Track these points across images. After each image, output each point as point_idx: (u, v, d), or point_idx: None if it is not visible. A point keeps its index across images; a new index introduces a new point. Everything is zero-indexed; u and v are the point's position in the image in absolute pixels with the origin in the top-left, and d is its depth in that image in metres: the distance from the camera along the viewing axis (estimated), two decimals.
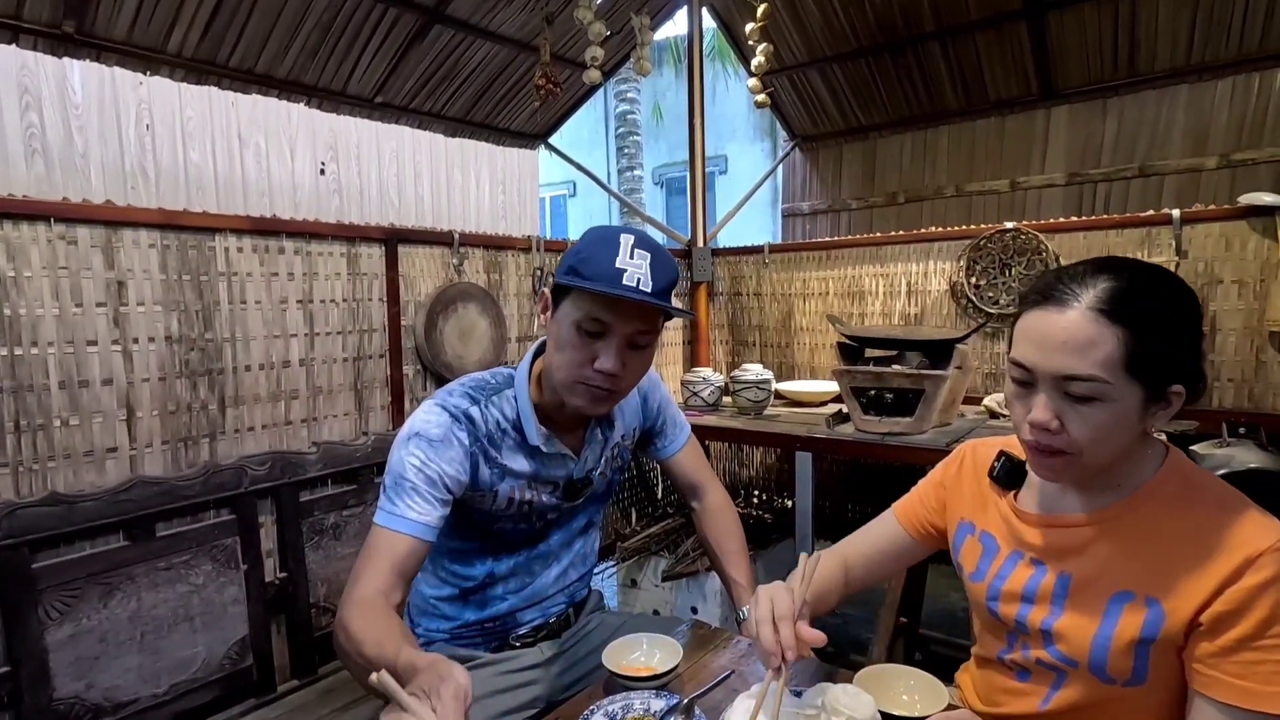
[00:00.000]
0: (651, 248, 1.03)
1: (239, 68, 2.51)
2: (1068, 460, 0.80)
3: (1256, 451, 1.87)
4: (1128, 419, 0.77)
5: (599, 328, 1.03)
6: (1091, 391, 0.75)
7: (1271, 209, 1.99)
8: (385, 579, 0.99)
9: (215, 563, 1.59)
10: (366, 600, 0.96)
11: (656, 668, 1.04)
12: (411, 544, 1.02)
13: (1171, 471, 0.84)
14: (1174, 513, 0.81)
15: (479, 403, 1.12)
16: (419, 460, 1.04)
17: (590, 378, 1.05)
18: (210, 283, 1.63)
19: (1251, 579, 0.73)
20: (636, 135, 10.08)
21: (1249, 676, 0.73)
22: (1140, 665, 0.80)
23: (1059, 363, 0.76)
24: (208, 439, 1.63)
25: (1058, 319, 0.77)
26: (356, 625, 0.92)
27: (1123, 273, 0.78)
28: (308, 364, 1.81)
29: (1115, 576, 0.82)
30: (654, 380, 1.36)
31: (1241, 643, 0.73)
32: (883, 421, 2.06)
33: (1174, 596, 0.77)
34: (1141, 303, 0.76)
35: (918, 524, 1.08)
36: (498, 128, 3.45)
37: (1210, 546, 0.76)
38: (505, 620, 1.25)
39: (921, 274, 2.63)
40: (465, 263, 2.20)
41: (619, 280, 0.99)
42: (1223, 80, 2.87)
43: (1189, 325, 0.79)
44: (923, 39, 3.18)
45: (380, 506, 1.04)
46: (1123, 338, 0.74)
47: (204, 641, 1.56)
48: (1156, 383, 0.77)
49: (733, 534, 1.37)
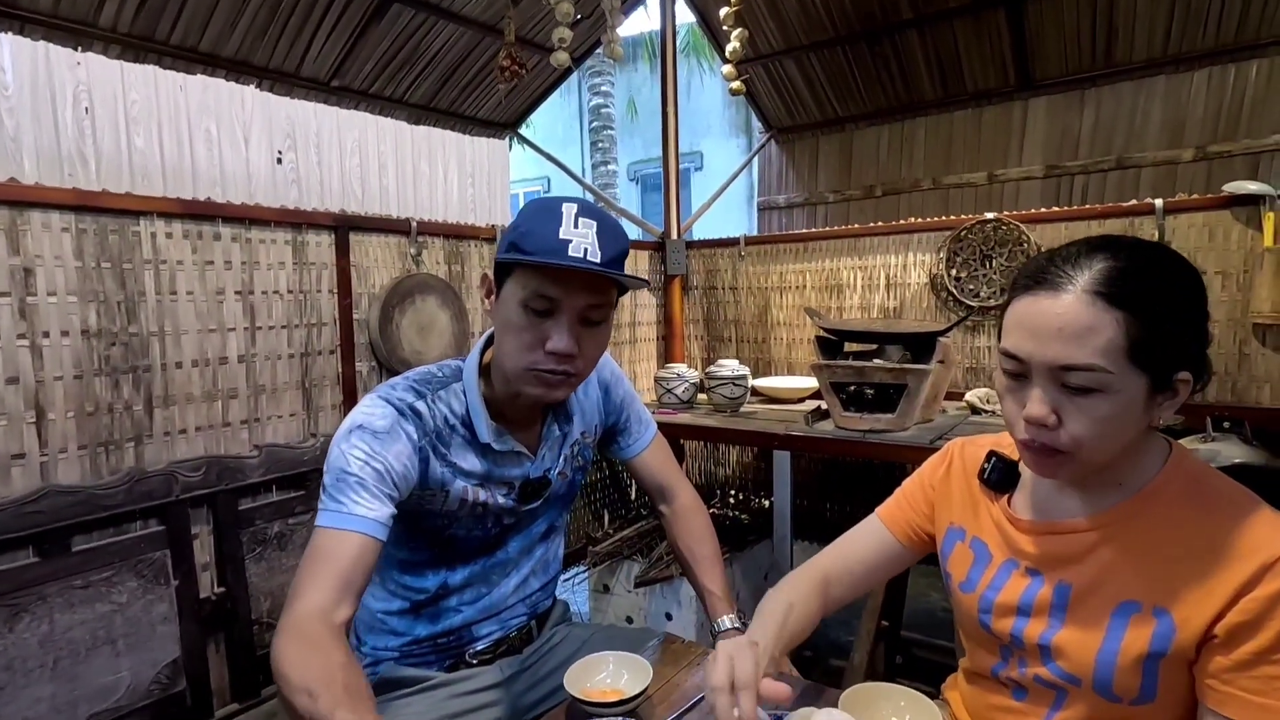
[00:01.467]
0: (597, 215, 0.94)
1: (181, 45, 2.35)
2: (1065, 458, 0.73)
3: (1241, 446, 1.83)
4: (1131, 411, 0.70)
5: (547, 305, 0.94)
6: (1091, 382, 0.69)
7: (1256, 198, 1.94)
8: (330, 592, 0.86)
9: (142, 578, 1.45)
10: (305, 625, 0.83)
11: (624, 690, 0.96)
12: (362, 544, 0.89)
13: (1177, 469, 0.77)
14: (1181, 515, 0.74)
15: (425, 397, 1.02)
16: (363, 453, 0.93)
17: (542, 361, 0.96)
18: (134, 271, 1.48)
19: (1269, 586, 0.67)
20: (610, 129, 9.98)
21: (1269, 693, 0.67)
22: (1149, 682, 0.73)
23: (1055, 352, 0.70)
24: (132, 443, 1.48)
25: (1052, 304, 0.70)
26: (289, 661, 0.79)
27: (1121, 251, 0.71)
28: (248, 360, 1.67)
29: (1119, 586, 0.75)
30: (616, 374, 1.27)
31: (1260, 656, 0.67)
32: (863, 418, 1.97)
33: (1185, 606, 0.71)
34: (1143, 283, 0.69)
35: (906, 528, 1.00)
36: (464, 115, 3.32)
37: (1223, 551, 0.70)
38: (460, 634, 1.15)
39: (901, 266, 2.56)
40: (424, 253, 2.08)
41: (564, 252, 0.90)
42: (1199, 71, 2.85)
43: (1194, 306, 0.72)
44: (900, 27, 3.12)
45: (322, 507, 0.92)
46: (1124, 322, 0.68)
47: (129, 665, 1.42)
48: (1162, 370, 0.70)
49: (705, 539, 1.28)
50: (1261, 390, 1.98)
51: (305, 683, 0.76)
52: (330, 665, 0.79)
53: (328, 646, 0.81)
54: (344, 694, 0.75)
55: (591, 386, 1.22)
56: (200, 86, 3.21)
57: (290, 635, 0.82)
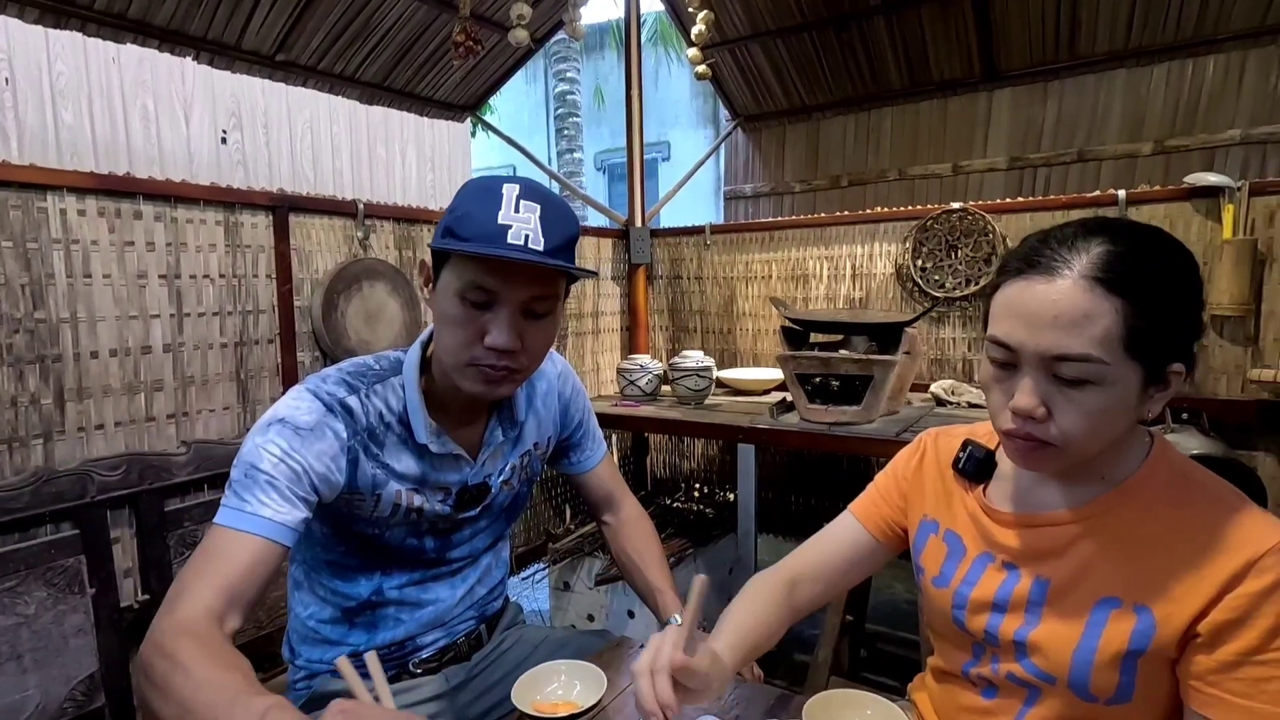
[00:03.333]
0: (541, 198, 0.86)
1: (107, 11, 2.19)
2: (1052, 452, 0.70)
3: (1199, 437, 1.84)
4: (1123, 405, 0.68)
5: (485, 297, 0.86)
6: (1085, 374, 0.66)
7: (1215, 190, 1.95)
8: (218, 595, 0.76)
9: (52, 587, 1.33)
10: (194, 625, 0.72)
11: (577, 702, 0.90)
12: (261, 549, 0.80)
13: (1160, 462, 0.74)
14: (1164, 509, 0.72)
15: (358, 391, 0.93)
16: (280, 450, 0.84)
17: (481, 357, 0.88)
18: (41, 251, 1.35)
19: (1254, 584, 0.65)
20: (576, 117, 9.84)
21: (1255, 695, 0.64)
22: (1126, 680, 0.70)
23: (1049, 341, 0.66)
24: (40, 440, 1.35)
25: (1046, 290, 0.66)
26: (186, 656, 0.69)
27: (1120, 235, 0.68)
28: (174, 350, 1.55)
29: (1099, 581, 0.73)
30: (578, 388, 1.20)
31: (1245, 656, 0.65)
32: (829, 410, 1.93)
33: (1167, 603, 0.68)
34: (1144, 269, 0.66)
35: (880, 523, 0.95)
36: (420, 96, 3.19)
37: (1206, 547, 0.68)
38: (403, 645, 1.07)
39: (867, 256, 2.53)
40: (373, 237, 1.96)
41: (503, 239, 0.82)
42: (1158, 66, 2.88)
43: (1194, 294, 0.69)
44: (868, 14, 3.09)
45: (224, 503, 0.82)
46: (1122, 311, 0.64)
47: (37, 682, 1.30)
48: (1157, 362, 0.67)
49: (653, 542, 1.25)
50: (1219, 381, 2.00)
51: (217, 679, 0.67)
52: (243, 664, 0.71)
53: (229, 650, 0.72)
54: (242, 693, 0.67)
55: (550, 397, 1.14)
56: (135, 59, 3.00)
57: (181, 635, 0.71)
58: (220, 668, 0.69)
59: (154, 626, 0.74)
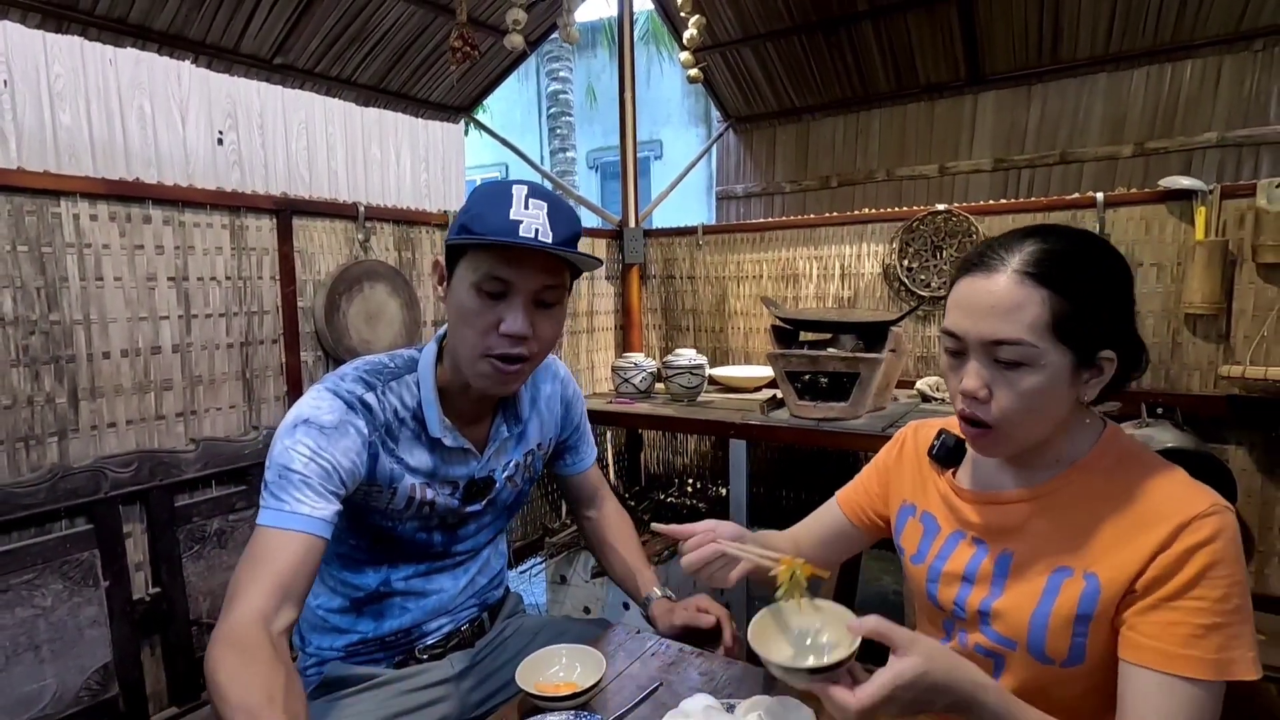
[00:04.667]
0: (548, 197, 0.93)
1: (108, 16, 2.21)
2: (997, 434, 0.79)
3: (1173, 431, 1.91)
4: (1057, 386, 0.76)
5: (500, 287, 0.92)
6: (1019, 356, 0.74)
7: (1189, 193, 2.02)
8: (270, 596, 0.81)
9: (68, 580, 1.37)
10: (244, 635, 0.78)
11: (577, 683, 0.95)
12: (306, 544, 0.86)
13: (1108, 446, 0.82)
14: (1108, 486, 0.79)
15: (375, 389, 0.99)
16: (309, 450, 0.89)
17: (496, 345, 0.94)
18: (55, 255, 1.39)
19: (1181, 544, 0.72)
20: (569, 116, 9.84)
21: (1163, 638, 0.72)
22: (1079, 643, 0.78)
23: (987, 327, 0.76)
24: (55, 438, 1.40)
25: (986, 284, 0.76)
26: (227, 674, 0.74)
27: (1050, 236, 0.77)
28: (183, 350, 1.59)
29: (1054, 553, 0.80)
30: (578, 393, 1.27)
31: (1161, 602, 0.72)
32: (818, 406, 2.00)
33: (1110, 569, 0.76)
34: (1068, 265, 0.75)
35: (860, 512, 1.05)
36: (416, 98, 3.23)
37: (1143, 516, 0.76)
38: (410, 632, 1.12)
39: (855, 256, 2.59)
40: (373, 239, 2.01)
41: (515, 232, 0.89)
42: (1138, 70, 2.95)
43: (1118, 290, 0.78)
44: (856, 19, 3.15)
45: (264, 505, 0.88)
46: (1049, 300, 0.73)
47: (55, 672, 1.35)
48: (1085, 347, 0.76)
49: (633, 533, 1.33)
50: (1192, 378, 2.07)
51: (245, 703, 0.72)
52: (272, 685, 0.75)
53: (268, 661, 0.77)
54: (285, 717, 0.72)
55: (554, 400, 1.21)
56: (132, 61, 3.02)
57: (228, 645, 0.78)
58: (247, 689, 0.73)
59: (215, 630, 0.80)
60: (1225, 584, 0.71)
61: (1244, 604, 0.72)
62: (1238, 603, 0.71)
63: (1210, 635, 0.70)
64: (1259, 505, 1.99)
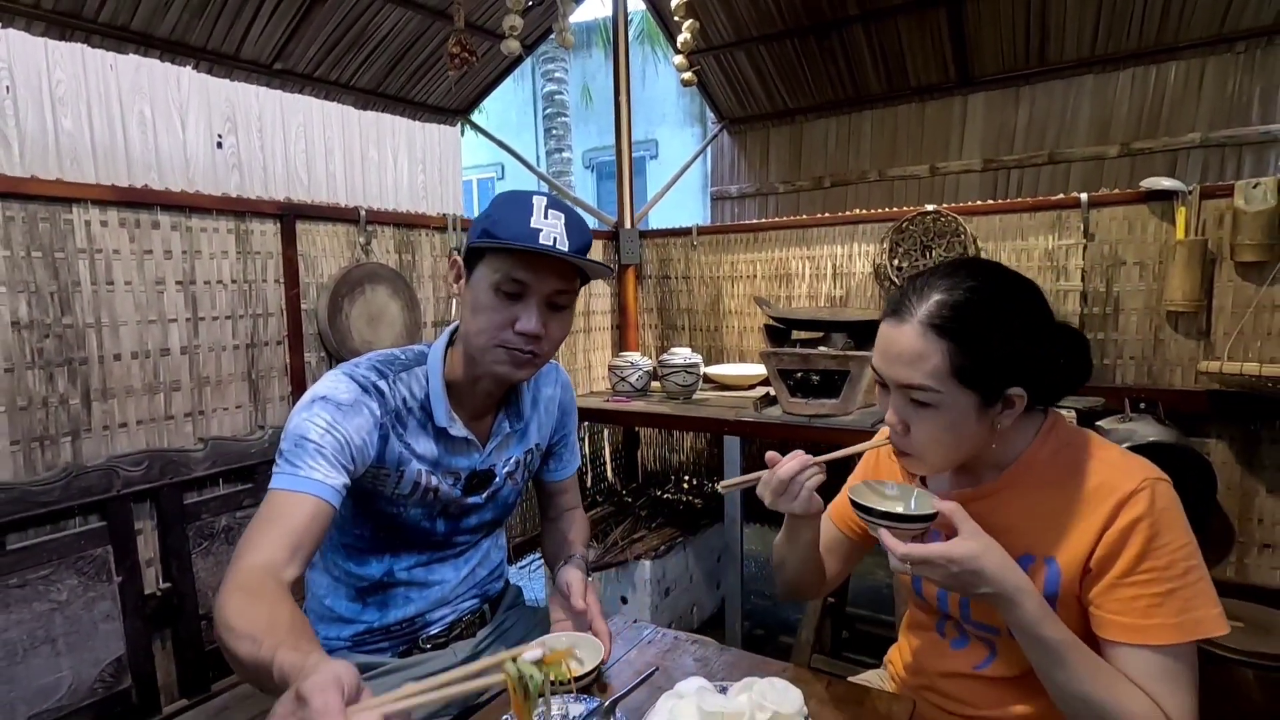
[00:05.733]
0: (564, 208, 1.01)
1: (111, 24, 2.25)
2: (919, 461, 0.87)
3: (1155, 425, 1.96)
4: (965, 423, 0.82)
5: (518, 288, 0.99)
6: (927, 399, 0.81)
7: (1169, 193, 2.07)
8: (279, 549, 0.85)
9: (82, 576, 1.42)
10: (251, 578, 0.81)
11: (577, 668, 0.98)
12: (315, 507, 0.89)
13: (1048, 436, 0.88)
14: (1053, 473, 0.85)
15: (387, 377, 1.05)
16: (325, 422, 0.94)
17: (510, 340, 1.00)
18: (67, 260, 1.43)
19: (1122, 520, 0.78)
20: (565, 116, 9.87)
21: (1127, 612, 0.78)
22: None
23: (897, 373, 0.83)
24: (69, 437, 1.44)
25: (897, 334, 0.83)
26: (232, 610, 0.77)
27: (958, 286, 0.82)
28: (191, 352, 1.64)
29: (1016, 543, 0.84)
30: (574, 402, 1.33)
31: (1119, 580, 0.78)
32: (809, 403, 2.05)
33: (1065, 551, 0.82)
34: (966, 317, 0.80)
35: (848, 523, 1.10)
36: (414, 101, 3.27)
37: (1088, 498, 0.82)
38: (413, 622, 1.16)
39: (846, 256, 2.64)
40: (373, 242, 2.05)
41: (535, 239, 0.96)
42: (1124, 72, 3.01)
43: (1020, 335, 0.82)
44: (846, 22, 3.20)
45: (277, 470, 0.91)
46: (949, 351, 0.79)
47: (70, 664, 1.39)
48: (989, 388, 0.81)
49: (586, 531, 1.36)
50: (1174, 373, 2.12)
51: (250, 630, 0.74)
52: (276, 613, 0.77)
53: (274, 597, 0.80)
54: (287, 634, 0.73)
55: (553, 404, 1.26)
56: (132, 66, 3.05)
57: (237, 588, 0.80)
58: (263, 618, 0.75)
59: (225, 579, 0.83)
60: (1169, 552, 0.77)
61: (1193, 564, 0.78)
62: (1185, 565, 0.77)
63: (1167, 602, 0.76)
64: (1239, 497, 2.05)
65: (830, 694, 0.95)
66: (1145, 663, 0.77)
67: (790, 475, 0.93)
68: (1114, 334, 2.20)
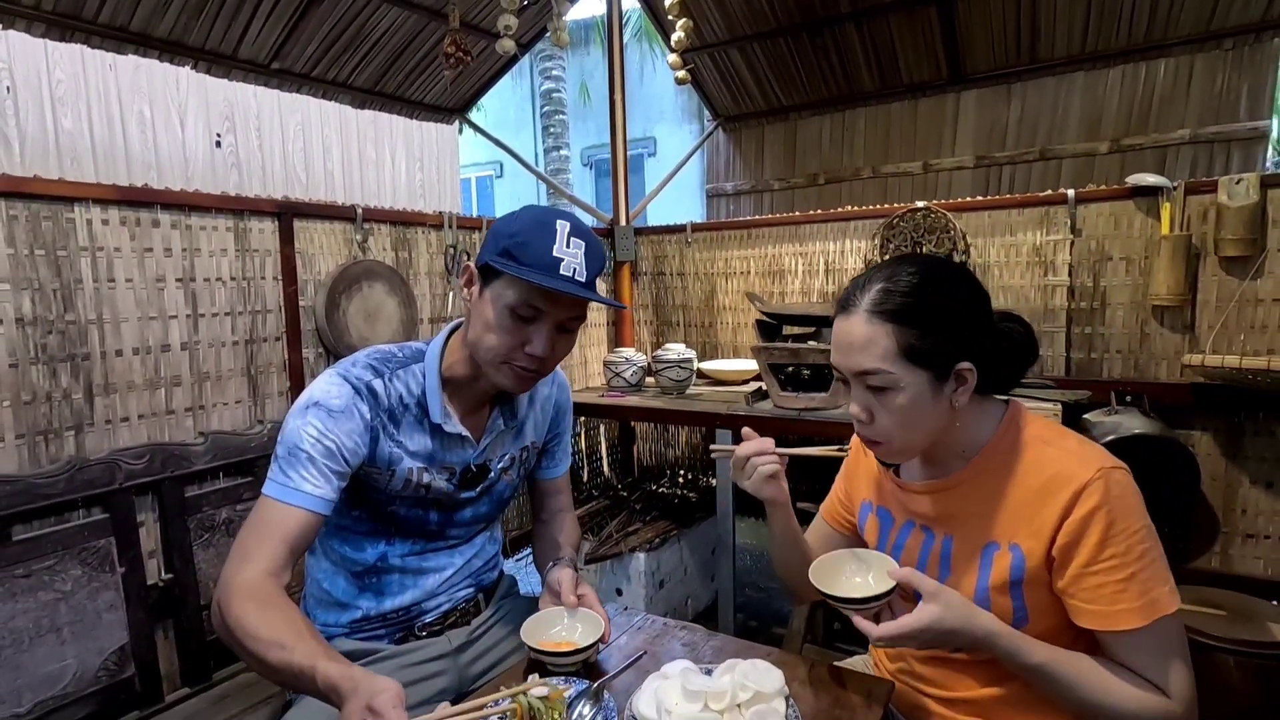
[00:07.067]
0: (585, 235, 1.03)
1: (110, 24, 2.27)
2: (889, 447, 0.90)
3: (1140, 418, 1.99)
4: (923, 400, 0.86)
5: (532, 313, 1.02)
6: (882, 382, 0.86)
7: (1155, 190, 2.10)
8: (275, 559, 0.93)
9: (86, 566, 1.45)
10: (258, 586, 0.90)
11: (578, 642, 1.02)
12: (305, 518, 0.96)
13: (1010, 427, 0.92)
14: (1013, 463, 0.89)
15: (383, 375, 1.08)
16: (316, 430, 0.99)
17: (518, 359, 1.04)
18: (70, 258, 1.46)
19: (1080, 510, 0.82)
20: (562, 114, 9.88)
21: (1096, 600, 0.82)
22: (1019, 606, 0.88)
23: (853, 361, 0.88)
24: (72, 431, 1.47)
25: (848, 325, 0.88)
26: (253, 620, 0.86)
27: (897, 275, 0.87)
28: (191, 348, 1.67)
29: (982, 531, 0.90)
30: (570, 402, 1.36)
31: (1084, 569, 0.82)
32: (799, 397, 2.08)
33: (1029, 537, 0.86)
34: (904, 299, 0.85)
35: (838, 518, 1.15)
36: (411, 100, 3.29)
37: (1048, 486, 0.85)
38: (409, 610, 1.19)
39: (839, 252, 2.68)
40: (370, 239, 2.08)
41: (556, 270, 0.99)
42: (1114, 69, 3.03)
43: (960, 311, 0.87)
44: (839, 20, 3.22)
45: (271, 477, 0.98)
46: (894, 333, 0.85)
47: (75, 653, 1.42)
48: (939, 365, 0.85)
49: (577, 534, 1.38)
50: (1159, 366, 2.16)
51: (277, 637, 0.84)
52: (294, 620, 0.87)
53: (284, 604, 0.89)
54: (317, 644, 0.83)
55: (549, 404, 1.29)
56: (131, 66, 3.09)
57: (247, 598, 0.88)
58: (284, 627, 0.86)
59: (226, 581, 0.91)
60: (1125, 539, 0.81)
61: (1149, 547, 0.82)
62: (1141, 548, 0.81)
63: (1130, 586, 0.80)
64: (1223, 488, 2.08)
65: (811, 676, 0.98)
66: (1122, 646, 0.82)
67: (745, 455, 0.99)
68: (1100, 328, 2.23)
